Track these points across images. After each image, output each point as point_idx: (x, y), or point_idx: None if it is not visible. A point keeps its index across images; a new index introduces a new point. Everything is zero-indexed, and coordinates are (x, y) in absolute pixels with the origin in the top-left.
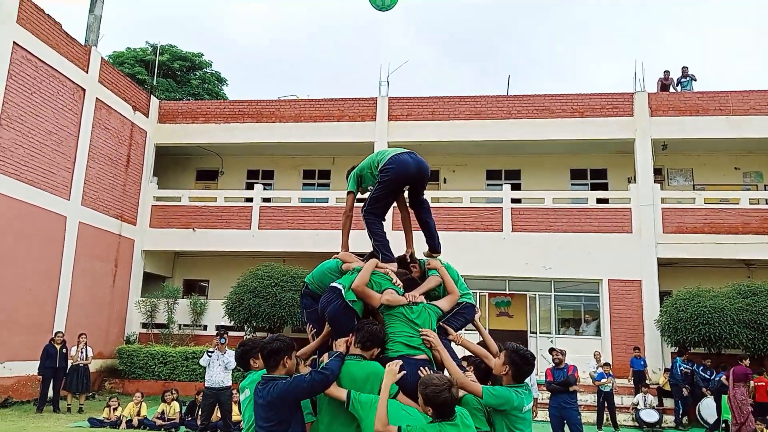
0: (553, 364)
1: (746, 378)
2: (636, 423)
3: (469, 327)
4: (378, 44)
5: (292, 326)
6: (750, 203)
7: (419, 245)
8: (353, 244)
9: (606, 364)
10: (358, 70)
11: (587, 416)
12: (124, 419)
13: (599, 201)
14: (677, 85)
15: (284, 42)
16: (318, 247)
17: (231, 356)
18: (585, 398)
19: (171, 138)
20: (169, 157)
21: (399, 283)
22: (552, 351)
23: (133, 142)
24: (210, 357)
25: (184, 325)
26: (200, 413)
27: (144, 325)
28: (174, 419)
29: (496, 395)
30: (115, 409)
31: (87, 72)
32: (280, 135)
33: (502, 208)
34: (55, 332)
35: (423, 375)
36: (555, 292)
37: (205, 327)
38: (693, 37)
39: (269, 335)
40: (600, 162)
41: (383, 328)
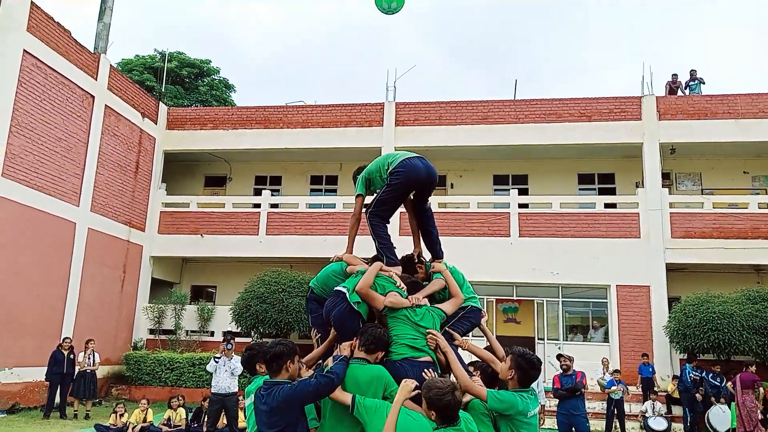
0: (561, 371)
1: (754, 384)
2: (644, 431)
3: (477, 332)
4: (386, 50)
5: (299, 332)
6: (759, 208)
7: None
8: (359, 250)
9: (616, 371)
10: (367, 76)
11: (595, 424)
12: (131, 426)
13: (607, 206)
14: (685, 89)
15: (292, 48)
16: (325, 253)
17: (238, 362)
18: (593, 405)
19: (179, 144)
20: (178, 164)
21: (403, 286)
22: (560, 357)
23: (142, 149)
24: (217, 363)
25: (192, 331)
26: (206, 419)
27: (151, 331)
28: (180, 426)
29: (501, 399)
30: (122, 416)
31: (96, 79)
32: (288, 141)
33: (509, 213)
34: (63, 338)
35: (427, 377)
36: (563, 298)
37: (212, 333)
38: (702, 41)
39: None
40: (608, 166)
41: (387, 332)
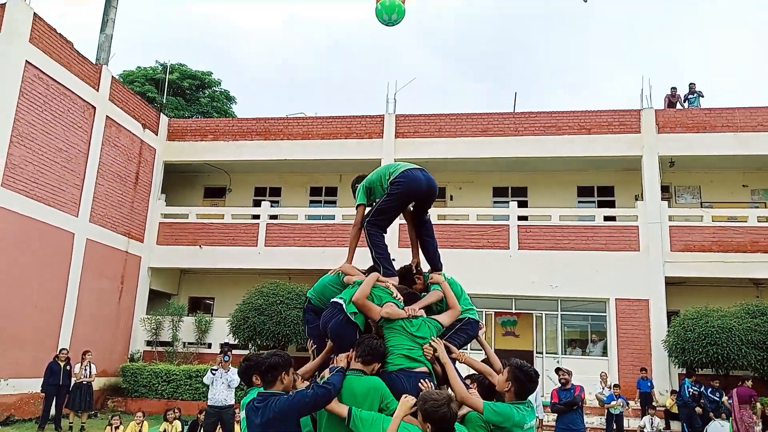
0: (560, 384)
1: (751, 399)
2: None
3: (476, 345)
4: (387, 62)
5: (297, 344)
6: (758, 221)
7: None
8: (358, 262)
9: (615, 386)
10: (367, 88)
11: None
12: None
13: (606, 218)
14: (684, 102)
15: (293, 60)
16: (324, 265)
17: (234, 374)
18: (591, 420)
19: (180, 155)
20: (178, 175)
21: (399, 297)
22: (558, 371)
23: (142, 160)
24: (214, 375)
25: (189, 343)
26: None
27: (148, 343)
28: None
29: (498, 411)
30: (117, 428)
31: (98, 90)
32: (288, 152)
33: (509, 226)
34: (60, 349)
35: (423, 387)
36: (561, 311)
37: (210, 345)
38: (701, 54)
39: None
40: (607, 179)
41: (384, 343)
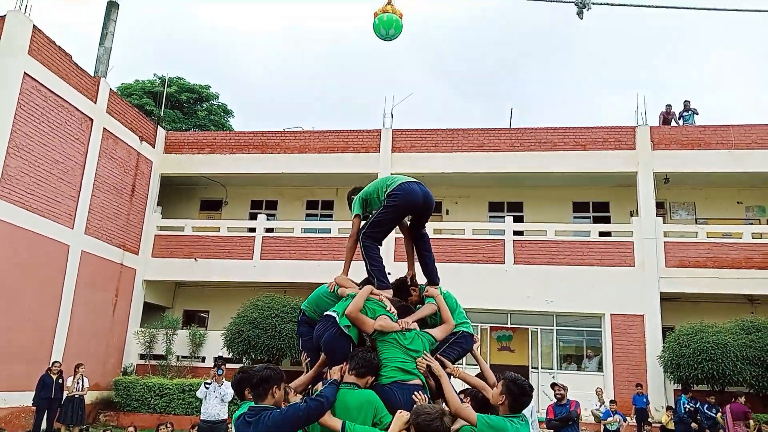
0: (555, 400)
1: (746, 416)
2: None
3: (470, 360)
4: (385, 79)
5: (291, 358)
6: (753, 238)
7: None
8: (355, 275)
9: (612, 402)
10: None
11: None
12: None
13: (601, 234)
14: (679, 119)
15: (291, 75)
16: (320, 278)
17: (227, 388)
18: None
19: (177, 168)
20: (174, 187)
21: (393, 310)
22: (554, 386)
23: (139, 172)
24: (207, 389)
25: (183, 357)
26: None
27: (142, 356)
28: None
29: (491, 424)
30: None
31: (95, 102)
32: (285, 166)
33: (504, 240)
34: (52, 362)
35: (417, 399)
36: (557, 326)
37: (204, 359)
38: (696, 72)
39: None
40: (602, 195)
41: (377, 356)
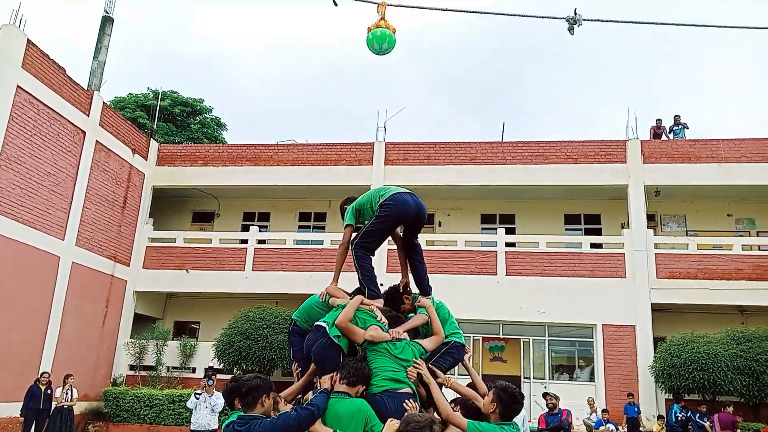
0: (547, 409)
1: (734, 426)
2: None
3: (462, 371)
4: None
5: (283, 369)
6: (743, 249)
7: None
8: (346, 285)
9: (604, 411)
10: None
11: None
12: None
13: (593, 246)
14: (670, 133)
15: (285, 89)
16: (312, 289)
17: (218, 398)
18: None
19: (169, 180)
20: (166, 199)
21: (384, 320)
22: (546, 396)
23: (131, 184)
24: (197, 399)
25: (173, 368)
26: None
27: (132, 367)
28: None
29: (482, 430)
30: None
31: (88, 115)
32: (278, 178)
33: (497, 252)
34: (41, 373)
35: (407, 407)
36: (549, 337)
37: (194, 370)
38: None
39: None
40: (594, 207)
41: (368, 365)
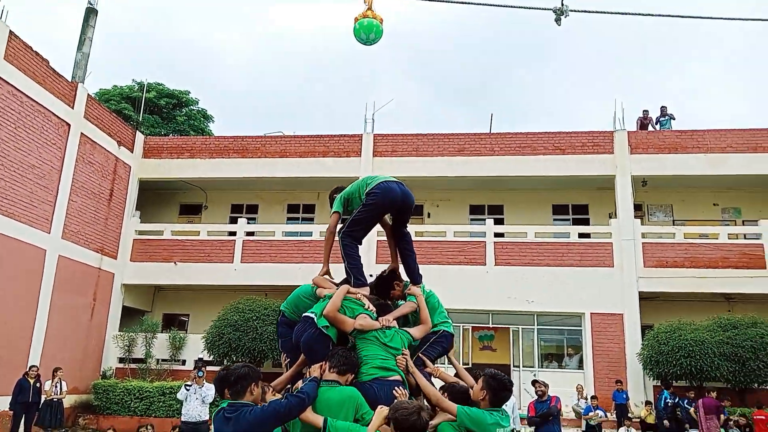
0: (536, 397)
1: (718, 410)
2: None
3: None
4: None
5: (273, 360)
6: (729, 238)
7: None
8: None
9: (593, 398)
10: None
11: None
12: None
13: (581, 236)
14: (656, 124)
15: (272, 81)
16: (301, 281)
17: (208, 389)
18: None
19: (155, 173)
20: (153, 192)
21: (371, 308)
22: (535, 383)
23: (117, 177)
24: (188, 390)
25: (163, 360)
26: None
27: (121, 360)
28: None
29: (471, 415)
30: None
31: (73, 107)
32: (266, 170)
33: (485, 242)
34: (30, 366)
35: (397, 394)
36: (538, 326)
37: (184, 362)
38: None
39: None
40: (581, 198)
41: (357, 353)
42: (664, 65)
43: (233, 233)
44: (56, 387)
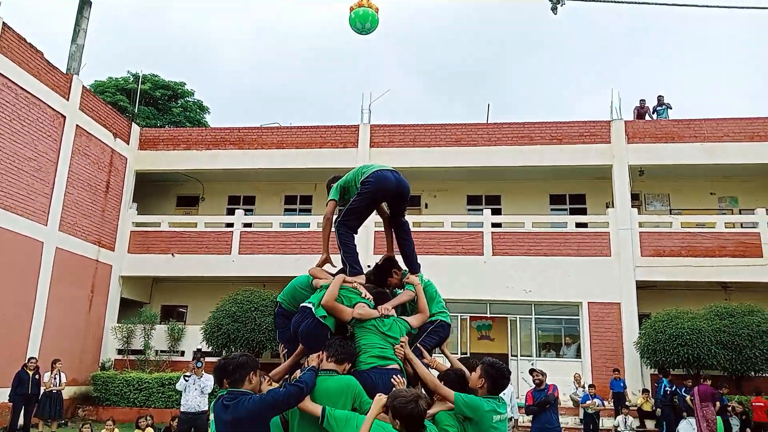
0: (534, 385)
1: (714, 397)
2: None
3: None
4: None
5: (272, 351)
6: (726, 227)
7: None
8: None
9: (591, 386)
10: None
11: None
12: None
13: (578, 225)
14: (653, 114)
15: (269, 72)
16: (298, 272)
17: (207, 380)
18: (566, 420)
19: (152, 164)
20: (150, 183)
21: (368, 296)
22: (532, 372)
23: (113, 169)
24: (187, 381)
25: (161, 351)
26: None
27: (120, 351)
28: None
29: (468, 402)
30: None
31: (68, 99)
32: (263, 161)
33: (483, 233)
34: (29, 358)
35: (395, 382)
36: (536, 315)
37: (183, 353)
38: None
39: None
40: (579, 187)
41: (354, 342)
42: (660, 54)
43: (230, 225)
44: (55, 379)
